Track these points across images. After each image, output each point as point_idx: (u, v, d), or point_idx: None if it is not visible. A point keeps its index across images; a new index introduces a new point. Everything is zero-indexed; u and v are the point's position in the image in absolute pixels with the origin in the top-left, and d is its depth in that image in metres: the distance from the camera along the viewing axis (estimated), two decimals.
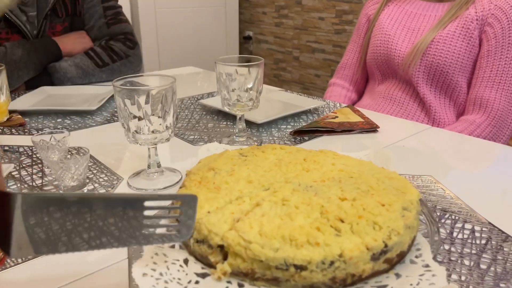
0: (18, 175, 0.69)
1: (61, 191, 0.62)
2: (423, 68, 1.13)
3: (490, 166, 0.76)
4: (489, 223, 0.54)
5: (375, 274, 0.39)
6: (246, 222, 0.40)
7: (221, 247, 0.40)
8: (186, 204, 0.38)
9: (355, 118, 0.92)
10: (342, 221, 0.40)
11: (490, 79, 1.08)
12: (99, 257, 0.49)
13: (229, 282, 0.39)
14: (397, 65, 1.18)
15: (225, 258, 0.40)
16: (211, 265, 0.40)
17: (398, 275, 0.40)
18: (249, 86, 0.77)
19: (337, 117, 0.92)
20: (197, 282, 0.38)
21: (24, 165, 0.72)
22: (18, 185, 0.66)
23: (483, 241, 0.50)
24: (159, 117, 0.62)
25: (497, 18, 1.07)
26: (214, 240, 0.39)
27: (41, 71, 1.19)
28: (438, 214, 0.56)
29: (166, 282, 0.37)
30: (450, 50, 1.10)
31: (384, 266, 0.40)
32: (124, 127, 0.63)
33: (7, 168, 0.66)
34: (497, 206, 0.59)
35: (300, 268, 0.37)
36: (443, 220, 0.55)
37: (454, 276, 0.45)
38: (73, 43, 1.27)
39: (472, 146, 0.84)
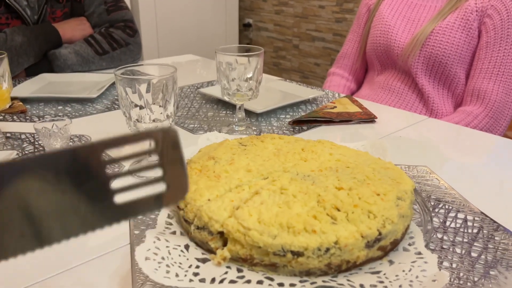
0: None
1: None
2: (422, 59, 1.14)
3: (486, 157, 0.77)
4: (482, 212, 0.55)
5: (369, 260, 0.41)
6: (245, 210, 0.42)
7: (221, 233, 0.41)
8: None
9: (353, 109, 0.93)
10: (338, 210, 0.42)
11: (488, 71, 1.09)
12: (100, 243, 0.50)
13: (228, 267, 0.40)
14: (396, 55, 1.19)
15: (224, 244, 0.41)
16: (211, 251, 0.41)
17: (391, 262, 0.41)
18: (249, 75, 0.78)
19: (335, 107, 0.93)
20: (197, 266, 0.39)
21: (26, 152, 0.73)
22: None
23: (475, 230, 0.52)
24: (160, 106, 0.63)
25: (496, 9, 1.07)
26: (214, 227, 0.41)
27: (41, 58, 1.20)
28: (432, 203, 0.57)
29: (168, 266, 0.39)
30: (449, 42, 1.10)
31: (378, 253, 0.41)
32: (126, 116, 0.64)
33: (10, 154, 0.66)
34: (491, 197, 0.61)
35: (297, 254, 0.38)
36: (436, 210, 0.56)
37: (445, 264, 0.46)
38: (73, 29, 1.27)
39: (469, 137, 0.85)
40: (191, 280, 0.38)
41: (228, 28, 3.19)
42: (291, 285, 0.38)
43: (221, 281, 0.38)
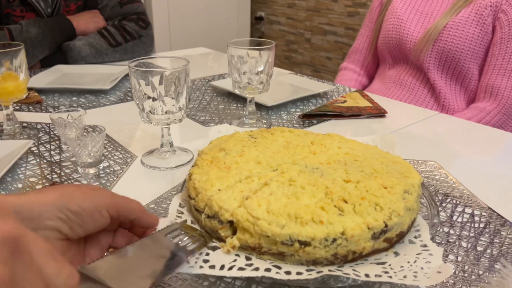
0: (37, 151, 0.72)
1: (78, 168, 0.65)
2: (434, 54, 1.13)
3: (497, 154, 0.77)
4: (489, 208, 0.56)
5: (375, 252, 0.42)
6: (255, 200, 0.43)
7: (230, 222, 0.42)
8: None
9: (363, 103, 0.93)
10: (346, 202, 0.43)
11: (502, 67, 1.08)
12: None
13: (237, 255, 0.41)
14: (408, 50, 1.18)
15: (234, 233, 0.42)
16: (221, 239, 0.43)
17: (396, 254, 0.42)
18: (260, 69, 0.79)
19: (346, 101, 0.93)
20: (207, 254, 0.41)
21: (42, 141, 0.75)
22: (38, 160, 0.69)
23: (482, 225, 0.52)
24: (172, 98, 0.64)
25: (511, 5, 1.06)
26: (224, 216, 0.42)
27: (56, 50, 1.22)
28: (440, 198, 0.58)
29: None
30: (462, 37, 1.09)
31: (384, 245, 0.42)
32: (139, 107, 0.65)
33: (26, 144, 0.68)
34: (499, 193, 0.61)
35: (304, 244, 0.39)
36: (444, 204, 0.56)
37: (451, 257, 0.47)
38: (87, 22, 1.29)
39: (480, 133, 0.85)
40: (201, 267, 0.39)
41: (240, 21, 3.18)
42: (298, 273, 0.39)
43: (230, 268, 0.39)
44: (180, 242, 0.39)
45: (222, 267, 0.39)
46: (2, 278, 0.18)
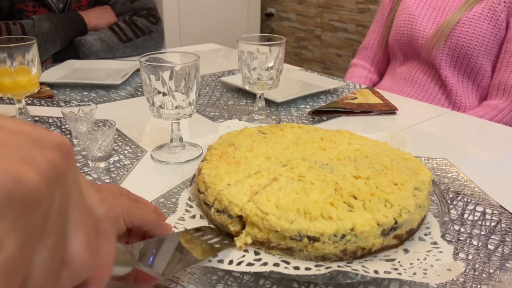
0: None
1: (89, 161, 0.65)
2: (447, 50, 1.12)
3: (509, 152, 0.76)
4: (501, 206, 0.55)
5: (385, 248, 0.41)
6: (264, 195, 0.43)
7: (239, 217, 0.42)
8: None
9: (374, 100, 0.93)
10: (355, 198, 0.42)
11: None
12: None
13: (246, 250, 0.41)
14: (420, 46, 1.17)
15: (243, 227, 0.42)
16: (230, 234, 0.43)
17: (406, 251, 0.42)
18: (270, 65, 0.78)
19: (356, 98, 0.93)
20: None
21: None
22: None
23: (493, 223, 0.52)
24: (182, 93, 0.64)
25: None
26: (234, 211, 0.42)
27: (67, 45, 1.23)
28: (451, 196, 0.57)
29: None
30: (475, 33, 1.08)
31: (393, 242, 0.42)
32: (149, 102, 0.65)
33: None
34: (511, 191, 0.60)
35: (313, 239, 0.39)
36: (455, 202, 0.56)
37: (461, 255, 0.46)
38: (98, 17, 1.30)
39: (492, 131, 0.84)
40: (209, 260, 0.39)
41: (249, 18, 3.18)
42: (307, 268, 0.39)
43: (239, 263, 0.39)
44: (207, 240, 0.41)
45: (230, 262, 0.39)
46: (57, 166, 0.18)
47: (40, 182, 0.17)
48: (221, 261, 0.39)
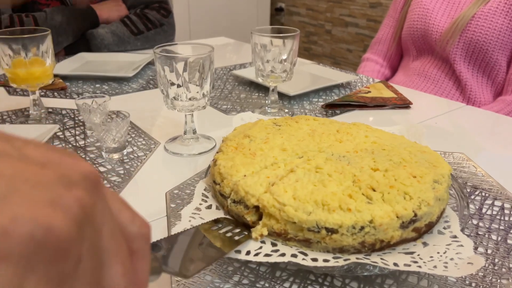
0: (63, 136, 0.73)
1: (103, 153, 0.66)
2: (461, 45, 1.10)
3: None
4: None
5: (403, 241, 0.41)
6: (281, 187, 0.42)
7: (256, 208, 0.42)
8: None
9: (388, 94, 0.92)
10: (374, 190, 0.42)
11: None
12: None
13: (263, 241, 0.41)
14: (434, 41, 1.15)
15: (259, 218, 0.42)
16: (247, 224, 0.43)
17: (425, 244, 0.41)
18: (284, 57, 0.78)
19: (370, 92, 0.92)
20: None
21: (67, 127, 0.76)
22: (63, 144, 0.70)
23: None
24: (196, 85, 0.64)
25: None
26: (251, 201, 0.42)
27: (79, 38, 1.23)
28: (468, 190, 0.56)
29: None
30: (491, 27, 1.06)
31: (412, 235, 0.41)
32: (163, 94, 0.65)
33: (52, 128, 0.69)
34: None
35: (331, 231, 0.39)
36: (473, 197, 0.55)
37: (480, 249, 0.46)
38: (110, 10, 1.30)
39: (508, 126, 0.83)
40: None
41: (259, 12, 3.16)
42: (325, 260, 0.38)
43: (256, 254, 0.39)
44: (226, 233, 0.40)
45: (248, 253, 0.39)
46: (86, 204, 0.18)
47: (70, 227, 0.17)
48: (238, 251, 0.39)
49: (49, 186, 0.17)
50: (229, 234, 0.41)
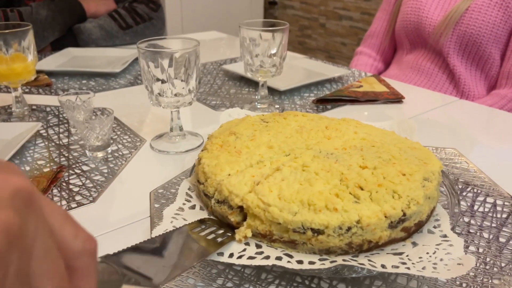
0: (46, 134, 0.71)
1: (86, 151, 0.64)
2: (455, 38, 1.09)
3: None
4: None
5: (392, 241, 0.40)
6: (266, 186, 0.41)
7: (240, 208, 0.40)
8: None
9: (380, 88, 0.90)
10: (362, 189, 0.40)
11: None
12: (121, 217, 0.50)
13: (247, 243, 0.40)
14: (427, 34, 1.14)
15: (244, 219, 0.40)
16: (231, 225, 0.41)
17: (414, 244, 0.40)
18: (273, 51, 0.76)
19: (361, 86, 0.90)
20: None
21: (51, 124, 0.74)
22: (46, 143, 0.68)
23: (504, 215, 0.50)
24: (182, 80, 0.62)
25: None
26: (234, 201, 0.40)
27: (66, 32, 1.20)
28: (460, 187, 0.55)
29: None
30: (485, 20, 1.04)
31: (401, 234, 0.40)
32: (148, 90, 0.63)
33: (35, 126, 0.67)
34: None
35: (317, 232, 0.37)
36: (464, 193, 0.54)
37: (471, 248, 0.45)
38: (97, 4, 1.27)
39: (502, 120, 0.81)
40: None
41: (253, 6, 3.13)
42: (310, 262, 0.37)
43: (240, 257, 0.37)
44: (207, 236, 0.39)
45: (231, 255, 0.38)
46: (11, 228, 0.16)
47: None
48: (221, 254, 0.38)
49: None
50: (211, 236, 0.39)
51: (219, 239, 0.39)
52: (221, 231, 0.40)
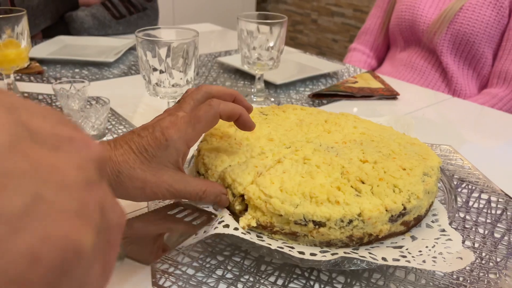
0: None
1: None
2: (449, 36, 1.10)
3: (510, 139, 0.75)
4: (506, 194, 0.54)
5: (392, 235, 0.40)
6: (267, 178, 0.41)
7: (242, 197, 0.40)
8: None
9: (375, 84, 0.91)
10: (363, 183, 0.41)
11: None
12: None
13: (248, 233, 0.40)
14: (421, 32, 1.15)
15: (245, 208, 0.40)
16: (235, 213, 0.41)
17: (413, 238, 0.40)
18: (271, 44, 0.76)
19: (357, 82, 0.91)
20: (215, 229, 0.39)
21: None
22: None
23: (499, 211, 0.51)
24: (180, 71, 0.61)
25: None
26: (237, 189, 0.40)
27: (58, 20, 1.18)
28: (455, 183, 0.56)
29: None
30: (478, 19, 1.06)
31: (401, 228, 0.40)
32: (145, 79, 0.63)
33: None
34: None
35: (319, 224, 0.38)
36: (459, 189, 0.55)
37: (467, 243, 0.45)
38: None
39: (493, 118, 0.83)
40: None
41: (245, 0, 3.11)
42: (312, 254, 0.37)
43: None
44: (184, 218, 0.39)
45: (235, 229, 0.38)
46: (102, 206, 0.17)
47: (94, 239, 0.16)
48: (226, 226, 0.38)
49: (73, 188, 0.15)
50: (188, 219, 0.39)
51: (195, 223, 0.39)
52: (196, 214, 0.40)
